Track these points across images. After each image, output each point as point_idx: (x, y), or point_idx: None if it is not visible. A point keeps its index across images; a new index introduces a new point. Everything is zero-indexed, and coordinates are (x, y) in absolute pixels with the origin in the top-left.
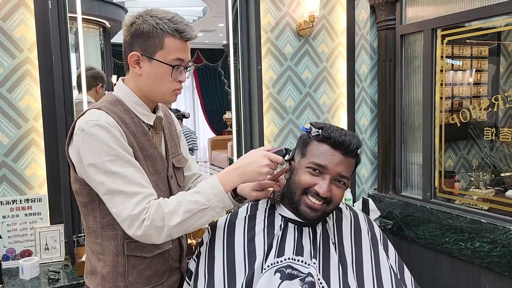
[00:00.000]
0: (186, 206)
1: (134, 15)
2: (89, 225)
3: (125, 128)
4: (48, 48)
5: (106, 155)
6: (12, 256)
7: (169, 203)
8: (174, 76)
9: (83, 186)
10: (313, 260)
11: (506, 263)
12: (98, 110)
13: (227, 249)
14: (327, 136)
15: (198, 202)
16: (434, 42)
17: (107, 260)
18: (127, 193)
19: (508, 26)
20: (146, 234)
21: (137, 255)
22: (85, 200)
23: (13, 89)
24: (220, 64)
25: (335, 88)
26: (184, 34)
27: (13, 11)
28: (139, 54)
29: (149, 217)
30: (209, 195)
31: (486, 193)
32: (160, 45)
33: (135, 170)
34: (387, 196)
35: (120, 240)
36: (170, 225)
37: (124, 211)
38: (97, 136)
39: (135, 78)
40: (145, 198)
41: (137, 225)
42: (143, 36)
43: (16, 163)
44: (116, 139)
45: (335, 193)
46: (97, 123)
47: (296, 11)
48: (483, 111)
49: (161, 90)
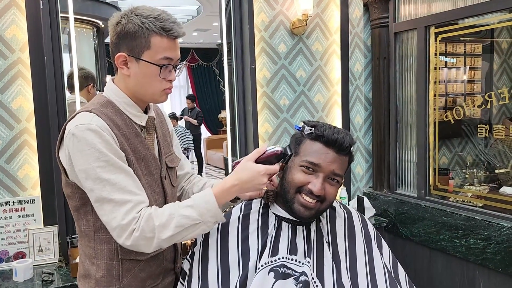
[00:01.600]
0: (178, 220)
1: (119, 14)
2: (82, 229)
3: (117, 131)
4: (40, 48)
5: (96, 161)
6: (6, 258)
7: (160, 215)
8: (163, 75)
9: (75, 190)
10: (307, 259)
11: (500, 259)
12: (89, 113)
13: (221, 249)
14: (320, 134)
15: (191, 217)
16: (427, 40)
17: (101, 264)
18: (116, 201)
19: (501, 23)
20: (135, 244)
21: (131, 258)
22: (77, 204)
23: (5, 90)
24: (214, 63)
25: (329, 86)
26: (171, 32)
27: (4, 11)
28: (125, 54)
29: (139, 227)
30: (202, 210)
31: (480, 190)
32: (147, 44)
33: (126, 176)
34: (382, 194)
35: (113, 244)
36: (161, 238)
37: (114, 220)
38: (88, 141)
39: (124, 78)
40: (135, 206)
41: (127, 235)
42: (129, 36)
43: (9, 165)
44: (107, 144)
45: (329, 191)
46: (88, 127)
47: (290, 10)
48: (477, 108)
49: (151, 90)
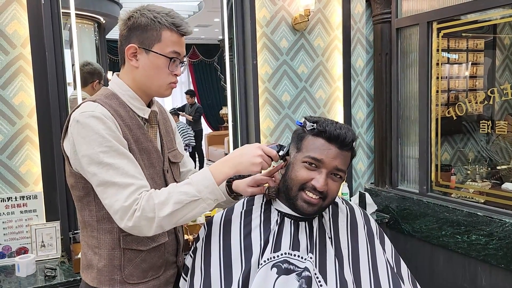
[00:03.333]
0: (176, 197)
1: (131, 10)
2: (85, 219)
3: (120, 121)
4: (41, 44)
5: (99, 146)
6: (8, 254)
7: (160, 194)
8: (171, 68)
9: (79, 179)
10: (310, 254)
11: (502, 255)
12: (93, 103)
13: (224, 244)
14: (322, 130)
15: (189, 193)
16: (429, 35)
17: (103, 254)
18: (119, 185)
19: (503, 18)
20: (137, 225)
21: (133, 248)
22: (80, 194)
23: (6, 86)
24: (216, 59)
25: (331, 82)
26: (181, 28)
27: (5, 6)
28: (136, 46)
29: (140, 208)
30: (200, 187)
31: (482, 186)
32: (158, 37)
33: (129, 162)
34: (384, 190)
35: (116, 234)
36: (161, 216)
37: (116, 202)
38: (91, 127)
39: (132, 71)
40: (137, 189)
41: (128, 216)
42: (140, 28)
43: (11, 160)
44: (110, 131)
45: (332, 187)
46: (92, 114)
47: (292, 5)
48: (479, 104)
49: (158, 83)
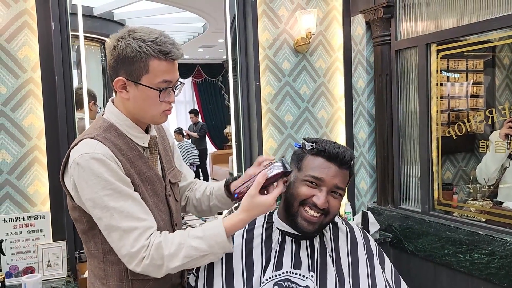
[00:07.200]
0: (187, 251)
1: (116, 37)
2: (91, 251)
3: (121, 156)
4: (51, 68)
5: (103, 190)
6: (15, 273)
7: (170, 245)
8: (162, 99)
9: (82, 214)
10: (311, 273)
11: (504, 274)
12: (92, 140)
13: (226, 262)
14: (321, 149)
15: (200, 249)
16: (428, 57)
17: (112, 285)
18: (124, 229)
19: (502, 40)
20: (145, 271)
21: (140, 278)
22: (84, 227)
23: (16, 108)
24: (220, 78)
25: (333, 102)
26: (170, 55)
27: (17, 32)
28: (124, 79)
29: (148, 255)
30: (211, 242)
31: (483, 205)
32: (145, 69)
33: (133, 202)
34: (386, 209)
35: (123, 265)
36: (170, 267)
37: (123, 248)
38: (93, 170)
39: (123, 101)
40: (143, 233)
41: (136, 262)
42: (127, 60)
43: (19, 181)
44: (112, 172)
45: (332, 204)
46: (93, 156)
47: (293, 28)
48: (478, 124)
49: (150, 113)
